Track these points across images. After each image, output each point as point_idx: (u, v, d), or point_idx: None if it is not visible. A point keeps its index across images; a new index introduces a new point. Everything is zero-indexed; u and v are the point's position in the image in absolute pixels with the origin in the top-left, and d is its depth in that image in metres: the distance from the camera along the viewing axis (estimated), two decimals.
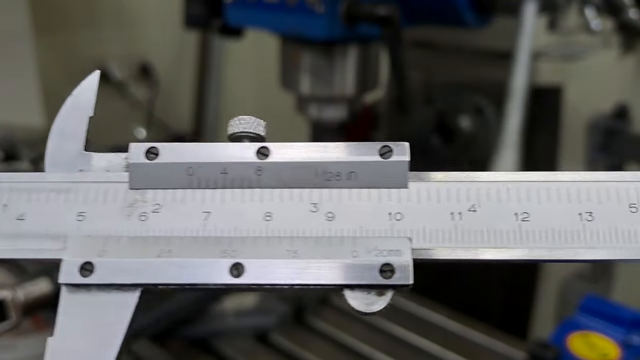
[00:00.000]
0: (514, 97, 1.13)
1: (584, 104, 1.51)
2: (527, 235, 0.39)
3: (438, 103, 1.44)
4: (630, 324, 1.02)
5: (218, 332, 1.12)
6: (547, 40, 1.32)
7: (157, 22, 1.81)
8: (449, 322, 1.16)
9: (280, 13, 1.04)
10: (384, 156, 0.41)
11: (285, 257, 0.39)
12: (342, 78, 1.12)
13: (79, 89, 0.44)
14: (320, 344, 1.12)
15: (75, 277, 0.38)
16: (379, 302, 0.38)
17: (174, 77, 1.85)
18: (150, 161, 0.42)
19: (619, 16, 1.19)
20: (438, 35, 1.43)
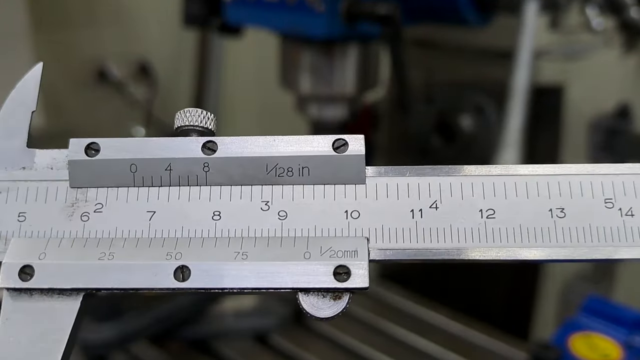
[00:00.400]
0: (516, 97, 1.12)
1: (586, 103, 1.50)
2: (492, 233, 0.37)
3: (439, 102, 1.43)
4: (632, 325, 1.01)
5: (217, 333, 1.11)
6: (549, 40, 1.31)
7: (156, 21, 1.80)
8: (450, 323, 1.16)
9: (280, 12, 1.03)
10: (338, 150, 0.39)
11: (234, 259, 0.36)
12: (342, 77, 1.11)
13: (22, 82, 0.42)
14: (320, 345, 1.12)
15: (15, 281, 0.37)
16: (334, 307, 0.36)
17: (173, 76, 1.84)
18: (91, 158, 0.40)
19: (620, 15, 1.19)
20: (439, 35, 1.42)
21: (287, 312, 1.15)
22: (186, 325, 1.11)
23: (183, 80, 1.81)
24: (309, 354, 1.08)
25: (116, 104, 1.74)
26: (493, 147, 1.20)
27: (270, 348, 1.11)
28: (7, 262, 0.37)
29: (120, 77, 1.72)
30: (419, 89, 1.41)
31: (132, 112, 1.76)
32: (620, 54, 1.26)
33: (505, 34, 1.23)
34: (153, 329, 1.08)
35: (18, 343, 0.36)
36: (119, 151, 0.40)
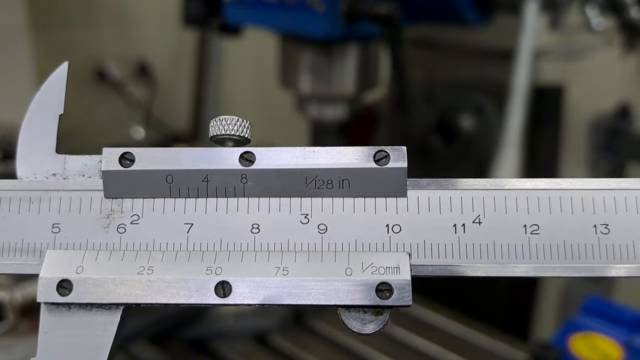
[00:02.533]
0: (516, 97, 1.12)
1: (586, 103, 1.50)
2: (536, 250, 0.37)
3: (439, 102, 1.43)
4: (632, 325, 1.01)
5: (217, 333, 1.11)
6: (549, 40, 1.31)
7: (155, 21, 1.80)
8: (450, 323, 1.16)
9: (280, 11, 1.03)
10: (379, 162, 0.38)
11: (275, 275, 0.36)
12: (342, 77, 1.11)
13: (47, 84, 0.41)
14: (320, 345, 1.12)
15: (53, 296, 0.36)
16: (376, 322, 0.36)
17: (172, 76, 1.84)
18: (126, 168, 0.38)
19: (620, 15, 1.19)
20: (439, 35, 1.42)
21: (286, 313, 1.15)
22: (186, 326, 1.10)
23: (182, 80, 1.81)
24: (309, 355, 1.08)
25: (115, 104, 1.74)
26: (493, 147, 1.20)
27: (270, 348, 1.10)
28: (44, 276, 0.37)
29: (119, 77, 1.72)
30: (419, 89, 1.41)
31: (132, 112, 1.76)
32: (620, 54, 1.26)
33: (505, 34, 1.23)
34: (153, 329, 1.08)
35: (58, 357, 0.36)
36: (154, 161, 0.39)
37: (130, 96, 1.74)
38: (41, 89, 0.40)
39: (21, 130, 0.40)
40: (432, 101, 1.44)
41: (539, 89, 1.28)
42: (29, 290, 0.97)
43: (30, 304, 0.96)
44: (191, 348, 1.11)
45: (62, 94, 0.40)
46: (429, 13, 1.12)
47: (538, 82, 1.31)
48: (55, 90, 0.40)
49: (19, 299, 0.97)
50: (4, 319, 0.97)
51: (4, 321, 0.97)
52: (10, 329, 0.96)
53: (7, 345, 0.95)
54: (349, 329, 0.36)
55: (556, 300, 1.58)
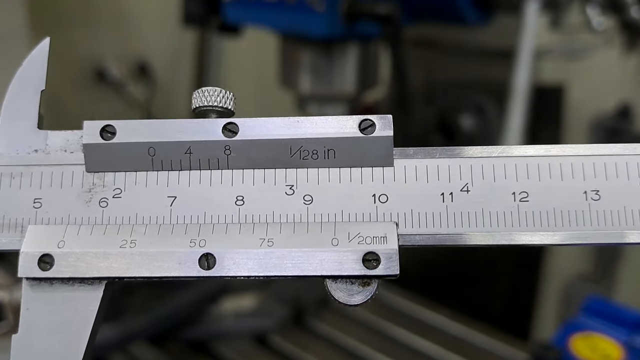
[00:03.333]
0: (516, 96, 1.12)
1: (587, 103, 1.50)
2: (525, 217, 0.36)
3: (439, 102, 1.43)
4: (633, 325, 1.01)
5: (217, 334, 1.11)
6: (549, 39, 1.31)
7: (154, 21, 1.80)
8: (450, 324, 1.15)
9: (280, 11, 1.03)
10: (365, 131, 0.37)
11: (260, 246, 0.35)
12: (342, 76, 1.11)
13: (28, 59, 0.40)
14: (320, 346, 1.11)
15: (35, 270, 0.36)
16: (363, 293, 0.35)
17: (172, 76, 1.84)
18: (107, 141, 0.38)
19: (621, 14, 1.18)
20: (439, 35, 1.42)
21: (286, 313, 1.15)
22: (186, 326, 1.10)
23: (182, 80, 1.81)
24: (309, 355, 1.08)
25: (115, 104, 1.74)
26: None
27: (269, 349, 1.10)
28: (25, 251, 0.36)
29: (119, 77, 1.71)
30: (420, 88, 1.40)
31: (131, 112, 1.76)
32: (620, 54, 1.26)
33: (506, 34, 1.23)
34: (152, 330, 1.07)
35: (40, 333, 0.35)
36: (135, 134, 0.38)
37: (130, 96, 1.73)
38: (23, 65, 0.40)
39: (2, 106, 0.39)
40: (433, 101, 1.44)
41: (539, 89, 1.28)
42: None
43: None
44: (191, 348, 1.10)
45: (44, 69, 0.40)
46: (430, 13, 1.12)
47: (539, 81, 1.31)
48: (36, 65, 0.40)
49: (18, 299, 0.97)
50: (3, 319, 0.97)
51: (4, 321, 0.97)
52: (10, 330, 0.96)
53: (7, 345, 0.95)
54: (336, 300, 0.35)
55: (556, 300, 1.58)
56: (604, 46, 1.26)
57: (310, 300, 1.18)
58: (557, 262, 1.60)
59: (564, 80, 1.46)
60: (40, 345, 0.35)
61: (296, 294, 1.18)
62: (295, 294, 1.18)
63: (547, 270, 1.55)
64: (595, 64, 1.41)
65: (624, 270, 1.60)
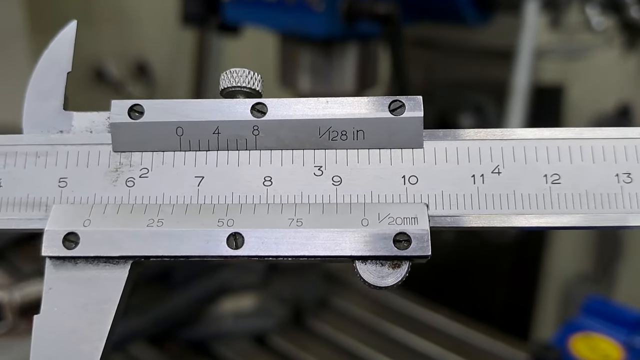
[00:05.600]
0: (516, 96, 1.12)
1: (587, 102, 1.50)
2: (557, 199, 0.35)
3: (439, 101, 1.43)
4: (632, 325, 1.01)
5: (216, 334, 1.11)
6: (549, 39, 1.31)
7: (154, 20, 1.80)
8: (450, 324, 1.15)
9: (280, 11, 1.03)
10: (394, 112, 0.37)
11: (289, 226, 0.35)
12: (342, 76, 1.11)
13: (55, 41, 0.40)
14: (320, 346, 1.11)
15: (59, 249, 0.35)
16: (394, 275, 0.34)
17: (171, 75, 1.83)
18: (135, 120, 0.37)
19: (621, 14, 1.18)
20: (439, 34, 1.42)
21: (286, 313, 1.14)
22: (185, 326, 1.10)
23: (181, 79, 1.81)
24: (309, 355, 1.08)
25: None
26: None
27: (269, 349, 1.10)
28: (50, 230, 0.35)
29: (118, 76, 1.71)
30: (419, 88, 1.40)
31: None
32: (620, 54, 1.26)
33: (506, 34, 1.23)
34: (152, 330, 1.07)
35: (63, 314, 0.34)
36: (164, 113, 0.38)
37: (130, 96, 1.73)
38: (49, 47, 0.40)
39: (28, 88, 0.39)
40: (432, 101, 1.43)
41: (539, 89, 1.28)
42: (27, 291, 0.97)
43: (28, 304, 0.96)
44: (190, 348, 1.10)
45: (71, 51, 0.40)
46: (429, 12, 1.12)
47: (538, 81, 1.30)
48: (63, 47, 0.40)
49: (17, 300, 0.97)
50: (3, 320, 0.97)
51: (3, 322, 0.97)
52: (9, 330, 0.96)
53: (6, 345, 0.94)
54: (366, 283, 0.34)
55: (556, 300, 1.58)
56: (603, 46, 1.26)
57: (310, 300, 1.18)
58: (557, 262, 1.60)
59: (563, 80, 1.45)
60: (62, 326, 0.34)
61: (295, 294, 1.18)
62: (295, 294, 1.18)
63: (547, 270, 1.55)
64: (595, 63, 1.41)
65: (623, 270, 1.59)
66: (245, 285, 1.18)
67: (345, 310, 1.19)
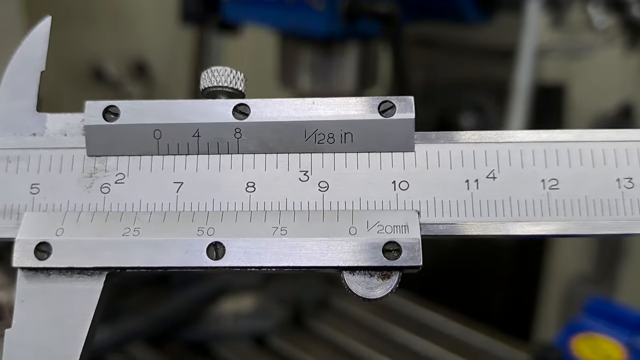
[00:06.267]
0: (518, 95, 1.12)
1: (588, 102, 1.49)
2: (556, 206, 0.34)
3: (439, 101, 1.42)
4: (634, 326, 1.00)
5: (216, 335, 1.10)
6: (551, 38, 1.31)
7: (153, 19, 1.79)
8: (450, 324, 1.15)
9: (280, 10, 1.02)
10: (384, 114, 0.35)
11: (272, 235, 0.33)
12: (342, 75, 1.10)
13: (28, 39, 0.39)
14: (320, 347, 1.11)
15: (31, 259, 0.33)
16: (383, 286, 0.33)
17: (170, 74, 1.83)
18: (110, 122, 0.36)
19: (622, 13, 1.18)
20: (440, 33, 1.42)
21: (285, 314, 1.14)
22: (184, 327, 1.10)
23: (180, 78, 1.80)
24: (308, 356, 1.07)
25: None
26: None
27: (269, 350, 1.10)
28: (21, 239, 0.34)
29: (117, 76, 1.70)
30: (420, 87, 1.40)
31: None
32: (622, 53, 1.26)
33: (507, 33, 1.22)
34: (151, 330, 1.07)
35: (36, 327, 0.33)
36: (140, 115, 0.36)
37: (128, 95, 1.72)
38: (22, 44, 0.38)
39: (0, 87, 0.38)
40: (433, 100, 1.43)
41: (540, 88, 1.27)
42: None
43: None
44: (189, 349, 1.10)
45: (45, 49, 0.38)
46: (430, 11, 1.11)
47: (540, 80, 1.30)
48: (37, 45, 0.38)
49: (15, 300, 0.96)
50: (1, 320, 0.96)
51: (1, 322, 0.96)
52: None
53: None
54: (353, 294, 0.33)
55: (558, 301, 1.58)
56: (605, 45, 1.26)
57: (310, 301, 1.18)
58: (559, 263, 1.60)
59: (565, 79, 1.45)
60: (35, 341, 0.33)
61: (295, 294, 1.17)
62: (295, 294, 1.17)
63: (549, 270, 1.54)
64: (596, 62, 1.41)
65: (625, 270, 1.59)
66: (245, 286, 1.17)
67: (345, 311, 1.19)
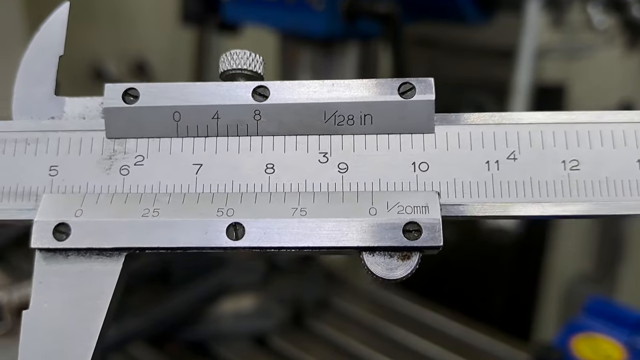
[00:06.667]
0: (518, 95, 1.12)
1: (588, 102, 1.49)
2: (577, 186, 0.34)
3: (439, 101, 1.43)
4: (634, 326, 1.00)
5: (216, 335, 1.10)
6: (551, 38, 1.31)
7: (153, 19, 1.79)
8: (450, 324, 1.15)
9: (280, 10, 1.02)
10: (404, 95, 0.35)
11: (292, 216, 0.33)
12: (342, 75, 1.10)
13: (46, 24, 0.39)
14: (320, 347, 1.11)
15: (49, 240, 0.33)
16: (403, 267, 0.33)
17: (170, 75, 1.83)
18: (130, 105, 0.36)
19: (622, 13, 1.18)
20: (440, 33, 1.42)
21: (285, 314, 1.14)
22: (185, 327, 1.10)
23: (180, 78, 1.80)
24: (308, 356, 1.07)
25: None
26: None
27: (269, 350, 1.10)
28: (40, 220, 0.34)
29: (117, 75, 1.71)
30: None
31: None
32: (622, 53, 1.26)
33: (507, 33, 1.22)
34: (151, 330, 1.07)
35: (53, 309, 0.33)
36: (160, 97, 0.36)
37: None
38: (40, 29, 0.38)
39: (18, 72, 0.38)
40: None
41: (540, 88, 1.27)
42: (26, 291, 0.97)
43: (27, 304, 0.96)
44: (190, 349, 1.10)
45: (63, 34, 0.38)
46: (430, 12, 1.11)
47: (540, 81, 1.30)
48: (55, 30, 0.38)
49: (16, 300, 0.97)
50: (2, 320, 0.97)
51: (2, 322, 0.96)
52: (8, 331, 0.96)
53: (5, 346, 0.94)
54: (373, 276, 0.33)
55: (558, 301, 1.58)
56: (605, 45, 1.26)
57: (310, 301, 1.18)
58: (559, 262, 1.60)
59: (565, 80, 1.45)
60: (53, 322, 0.33)
61: (295, 294, 1.17)
62: (295, 294, 1.17)
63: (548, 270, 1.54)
64: (596, 63, 1.41)
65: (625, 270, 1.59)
66: (245, 285, 1.17)
67: (345, 311, 1.19)
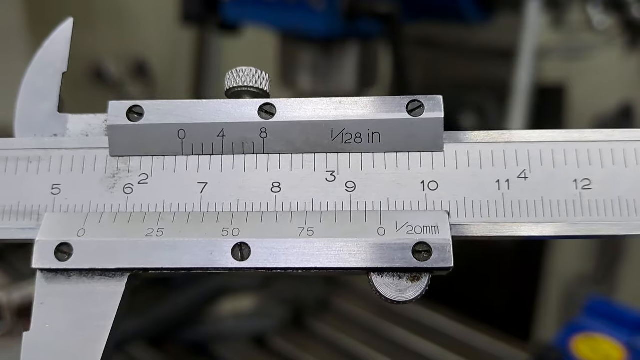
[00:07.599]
0: (518, 95, 1.12)
1: (588, 102, 1.49)
2: (589, 206, 0.33)
3: None
4: (634, 326, 1.00)
5: (216, 335, 1.10)
6: (550, 38, 1.31)
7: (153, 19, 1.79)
8: (451, 324, 1.15)
9: (280, 10, 1.02)
10: (412, 113, 0.35)
11: (299, 236, 0.33)
12: (342, 75, 1.10)
13: (50, 40, 0.38)
14: (320, 347, 1.11)
15: (51, 261, 0.33)
16: (413, 289, 0.32)
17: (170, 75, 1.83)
18: (134, 122, 0.35)
19: (622, 13, 1.18)
20: (440, 33, 1.42)
21: (285, 314, 1.14)
22: (185, 327, 1.10)
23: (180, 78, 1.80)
24: (308, 356, 1.07)
25: None
26: None
27: (269, 350, 1.10)
28: (41, 240, 0.33)
29: (117, 76, 1.70)
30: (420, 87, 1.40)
31: None
32: (622, 53, 1.26)
33: (507, 33, 1.22)
34: (151, 331, 1.07)
35: (55, 331, 0.32)
36: (165, 115, 0.35)
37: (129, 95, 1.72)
38: (44, 46, 0.38)
39: (21, 88, 0.37)
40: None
41: (540, 88, 1.27)
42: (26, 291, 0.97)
43: (28, 305, 0.96)
44: (190, 349, 1.10)
45: (66, 51, 0.38)
46: (430, 11, 1.11)
47: (540, 81, 1.30)
48: (58, 46, 0.38)
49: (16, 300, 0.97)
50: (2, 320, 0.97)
51: (2, 322, 0.96)
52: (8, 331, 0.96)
53: (5, 346, 0.94)
54: (383, 297, 0.32)
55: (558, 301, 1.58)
56: (605, 45, 1.26)
57: (310, 301, 1.18)
58: (559, 263, 1.60)
59: (565, 80, 1.45)
60: (54, 344, 0.32)
61: (295, 294, 1.17)
62: (295, 294, 1.17)
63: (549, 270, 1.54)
64: (596, 63, 1.41)
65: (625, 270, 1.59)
66: (245, 286, 1.17)
67: (345, 311, 1.19)
